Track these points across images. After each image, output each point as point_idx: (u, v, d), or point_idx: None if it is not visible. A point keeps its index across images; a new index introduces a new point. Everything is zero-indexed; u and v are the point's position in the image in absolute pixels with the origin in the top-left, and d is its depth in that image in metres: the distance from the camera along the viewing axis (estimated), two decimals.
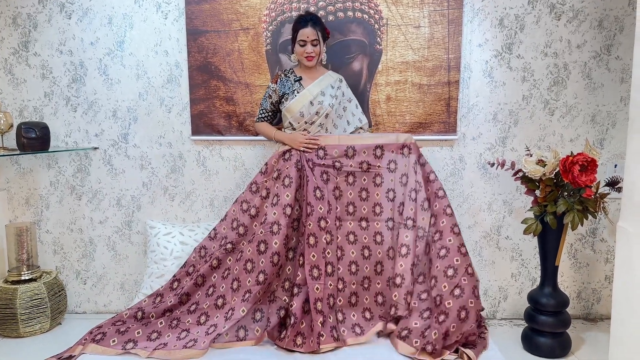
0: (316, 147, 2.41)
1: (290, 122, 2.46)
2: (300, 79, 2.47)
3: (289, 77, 2.49)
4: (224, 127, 2.71)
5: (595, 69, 2.65)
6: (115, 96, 2.73)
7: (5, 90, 2.74)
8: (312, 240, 2.27)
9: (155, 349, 2.15)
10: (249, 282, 2.28)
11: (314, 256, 2.25)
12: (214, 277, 2.38)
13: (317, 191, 2.33)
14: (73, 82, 2.73)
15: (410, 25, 2.62)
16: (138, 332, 2.25)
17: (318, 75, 2.49)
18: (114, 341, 2.21)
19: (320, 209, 2.30)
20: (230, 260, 2.40)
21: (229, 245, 2.40)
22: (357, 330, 2.26)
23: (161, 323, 2.30)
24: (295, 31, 2.41)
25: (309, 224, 2.28)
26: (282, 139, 2.46)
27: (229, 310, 2.26)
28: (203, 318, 2.29)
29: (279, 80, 2.49)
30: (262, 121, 2.55)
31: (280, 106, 2.48)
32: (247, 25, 2.64)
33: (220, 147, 2.76)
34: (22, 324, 2.52)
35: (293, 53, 2.47)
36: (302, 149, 2.40)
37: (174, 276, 2.45)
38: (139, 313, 2.34)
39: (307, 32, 2.37)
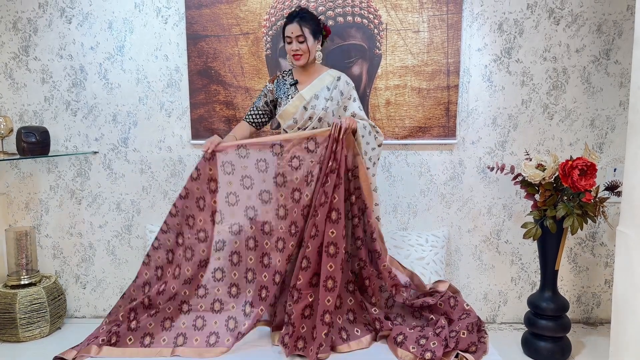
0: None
1: (284, 129, 2.36)
2: (296, 82, 2.34)
3: (286, 79, 2.37)
4: (224, 131, 2.71)
5: (594, 73, 2.66)
6: (115, 100, 2.74)
7: (5, 94, 2.74)
8: (332, 249, 2.15)
9: (177, 346, 2.13)
10: (265, 277, 2.27)
11: (331, 267, 2.15)
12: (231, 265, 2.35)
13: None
14: (73, 87, 2.73)
15: (410, 30, 2.62)
16: (150, 324, 2.22)
17: (315, 76, 2.33)
18: (130, 339, 2.17)
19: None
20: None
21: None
22: (344, 335, 2.21)
23: (169, 308, 2.25)
24: (283, 29, 2.29)
25: (332, 232, 2.17)
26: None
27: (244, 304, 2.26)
28: (217, 305, 2.26)
29: (276, 80, 2.39)
30: (246, 120, 2.43)
31: (275, 112, 2.41)
32: (247, 30, 2.65)
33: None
34: (22, 329, 2.52)
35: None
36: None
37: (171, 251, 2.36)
38: (146, 300, 2.27)
39: (291, 28, 2.23)
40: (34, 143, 2.54)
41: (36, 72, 2.72)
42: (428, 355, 2.05)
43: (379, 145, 2.36)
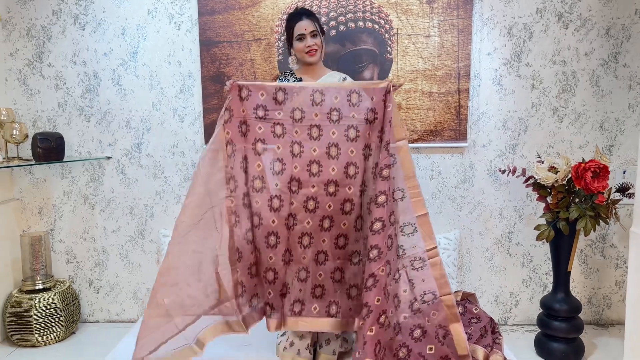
0: None
1: None
2: (301, 80, 2.28)
3: (288, 79, 2.30)
4: None
5: (603, 76, 2.68)
6: (128, 106, 2.76)
7: (19, 101, 2.76)
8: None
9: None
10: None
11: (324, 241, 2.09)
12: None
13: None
14: (87, 93, 2.76)
15: (420, 34, 2.65)
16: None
17: (320, 75, 2.30)
18: None
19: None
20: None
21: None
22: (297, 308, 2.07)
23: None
24: (290, 28, 2.24)
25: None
26: None
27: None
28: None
29: (278, 80, 2.33)
30: None
31: None
32: (259, 36, 2.68)
33: None
34: (37, 334, 2.54)
35: (291, 55, 2.29)
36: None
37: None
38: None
39: (304, 24, 2.19)
40: (50, 149, 2.56)
41: (50, 79, 2.75)
42: None
43: None
